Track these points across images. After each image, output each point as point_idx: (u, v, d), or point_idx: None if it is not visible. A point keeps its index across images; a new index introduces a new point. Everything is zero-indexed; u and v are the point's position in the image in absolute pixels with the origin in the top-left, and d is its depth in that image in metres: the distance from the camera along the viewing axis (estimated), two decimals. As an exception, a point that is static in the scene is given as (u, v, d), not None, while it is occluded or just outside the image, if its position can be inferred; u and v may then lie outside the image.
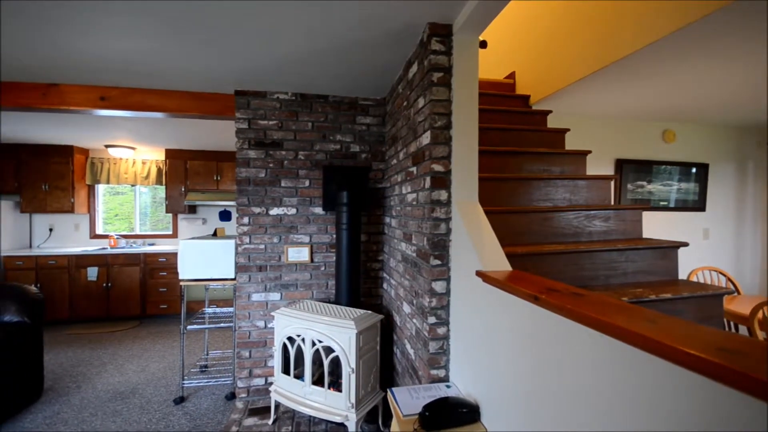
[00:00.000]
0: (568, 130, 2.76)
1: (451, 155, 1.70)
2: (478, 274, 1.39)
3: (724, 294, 1.78)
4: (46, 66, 2.18)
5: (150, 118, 3.10)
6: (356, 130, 2.77)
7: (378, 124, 2.79)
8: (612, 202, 2.48)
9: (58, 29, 1.75)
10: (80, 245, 4.91)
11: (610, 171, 3.63)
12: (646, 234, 2.28)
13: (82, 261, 4.43)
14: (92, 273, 4.43)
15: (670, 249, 2.01)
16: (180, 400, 2.70)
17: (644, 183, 3.75)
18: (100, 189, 5.12)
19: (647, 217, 3.46)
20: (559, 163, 2.50)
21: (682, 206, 3.85)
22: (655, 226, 3.68)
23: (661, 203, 3.81)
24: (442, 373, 1.74)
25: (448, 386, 1.65)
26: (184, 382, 2.80)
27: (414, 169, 1.95)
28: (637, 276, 1.96)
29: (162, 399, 2.75)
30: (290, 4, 1.53)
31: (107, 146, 4.54)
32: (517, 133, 2.63)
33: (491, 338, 1.36)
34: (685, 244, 2.01)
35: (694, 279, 3.40)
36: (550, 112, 2.95)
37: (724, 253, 3.92)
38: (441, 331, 1.73)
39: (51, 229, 4.87)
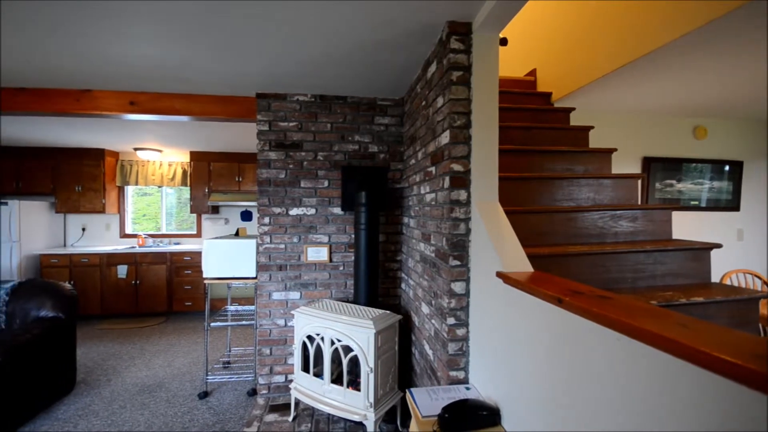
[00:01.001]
0: (592, 127, 2.69)
1: (471, 155, 1.68)
2: (499, 275, 1.37)
3: (759, 298, 1.69)
4: (79, 72, 2.29)
5: (176, 122, 3.20)
6: (374, 130, 2.78)
7: (396, 124, 2.79)
8: (639, 202, 2.40)
9: (92, 37, 1.83)
10: (111, 244, 5.13)
11: (636, 169, 3.50)
12: (675, 235, 2.19)
13: (113, 259, 4.63)
14: (122, 271, 4.62)
15: (701, 251, 1.93)
16: (204, 395, 2.78)
17: (673, 182, 3.60)
18: (129, 190, 5.33)
19: (677, 217, 3.32)
20: (583, 162, 2.43)
21: (714, 206, 3.67)
22: (686, 226, 3.53)
23: (692, 203, 3.65)
24: (461, 374, 1.73)
25: (467, 388, 1.63)
26: (208, 377, 2.88)
27: (433, 168, 1.94)
28: (667, 279, 1.89)
29: (187, 393, 2.84)
30: (316, 9, 1.55)
31: (136, 149, 4.72)
32: (539, 131, 2.58)
33: (512, 340, 1.34)
34: (718, 246, 1.92)
35: (727, 282, 3.25)
36: (573, 109, 2.87)
37: (760, 254, 3.72)
38: (460, 332, 1.71)
39: (84, 229, 5.10)
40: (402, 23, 1.68)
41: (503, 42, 1.77)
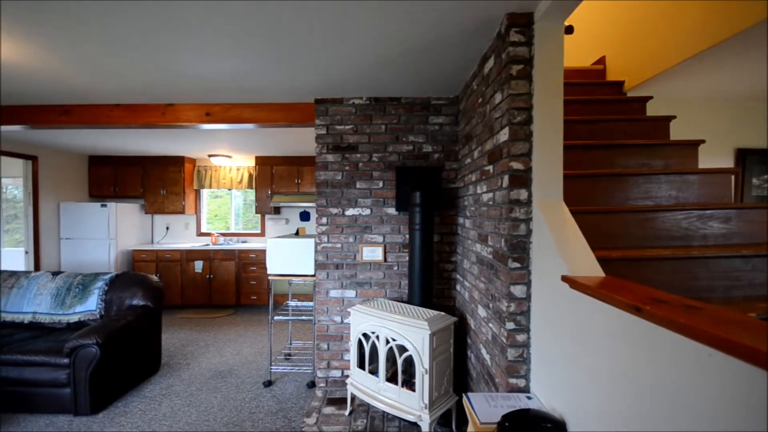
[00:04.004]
0: (674, 117, 2.41)
1: (532, 152, 1.60)
2: (564, 279, 1.29)
3: None
4: (165, 88, 2.57)
5: (244, 129, 3.46)
6: (428, 130, 2.76)
7: (451, 123, 2.75)
8: (733, 200, 2.11)
9: (177, 56, 2.05)
10: (189, 242, 5.68)
11: (729, 163, 3.08)
12: (781, 238, 1.89)
13: (191, 255, 5.13)
14: (198, 266, 5.10)
15: (817, 257, 1.64)
16: (268, 384, 2.97)
17: (777, 176, 3.11)
18: (204, 193, 5.87)
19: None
20: (662, 156, 2.19)
21: (834, 204, 3.10)
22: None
23: (802, 201, 3.12)
24: (521, 382, 1.65)
25: (528, 397, 1.55)
26: (272, 367, 3.07)
27: (490, 167, 1.88)
28: (769, 288, 1.63)
29: (253, 381, 3.06)
30: (373, 12, 1.58)
31: (210, 156, 5.18)
32: (609, 124, 2.38)
33: (580, 350, 1.25)
34: (841, 252, 1.62)
35: None
36: (650, 98, 2.60)
37: None
38: (520, 338, 1.64)
39: (167, 228, 5.72)
40: (458, 19, 1.65)
41: (569, 30, 1.65)
